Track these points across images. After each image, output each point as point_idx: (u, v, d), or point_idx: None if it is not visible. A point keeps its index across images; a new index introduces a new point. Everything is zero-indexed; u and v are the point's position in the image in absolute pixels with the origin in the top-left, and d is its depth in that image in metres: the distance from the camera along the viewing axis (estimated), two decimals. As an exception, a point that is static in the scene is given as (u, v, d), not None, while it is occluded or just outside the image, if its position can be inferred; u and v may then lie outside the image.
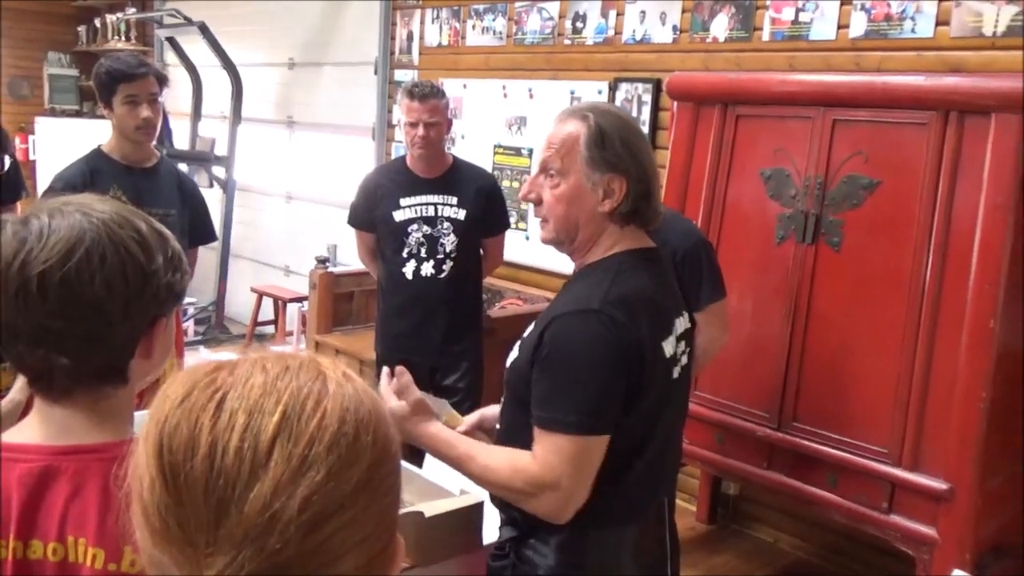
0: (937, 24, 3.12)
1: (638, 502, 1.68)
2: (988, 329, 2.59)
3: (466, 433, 1.82)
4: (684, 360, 1.73)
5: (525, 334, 1.68)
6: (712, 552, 3.76)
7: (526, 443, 1.56)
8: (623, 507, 1.63)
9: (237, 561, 0.53)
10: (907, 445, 2.77)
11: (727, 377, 3.20)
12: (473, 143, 4.88)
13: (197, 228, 3.07)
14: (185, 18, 6.20)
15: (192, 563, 0.54)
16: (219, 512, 0.54)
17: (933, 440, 2.73)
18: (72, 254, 0.91)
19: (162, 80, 2.84)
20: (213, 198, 6.71)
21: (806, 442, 3.00)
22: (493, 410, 1.90)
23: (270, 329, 6.15)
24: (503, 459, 1.57)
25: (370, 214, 3.33)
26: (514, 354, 1.68)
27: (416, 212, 3.26)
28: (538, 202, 1.65)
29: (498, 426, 1.79)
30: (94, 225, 0.94)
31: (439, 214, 3.26)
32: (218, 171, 6.44)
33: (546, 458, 1.51)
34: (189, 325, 6.53)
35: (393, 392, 1.71)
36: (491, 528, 1.85)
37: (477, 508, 1.86)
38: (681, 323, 1.72)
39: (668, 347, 1.63)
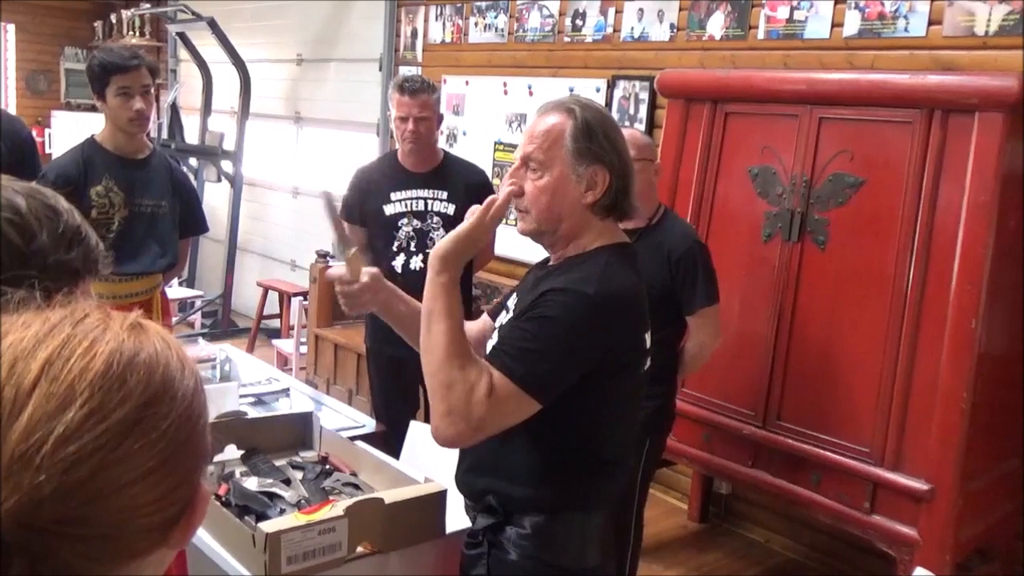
0: (930, 23, 3.10)
1: (604, 488, 1.71)
2: (970, 329, 2.57)
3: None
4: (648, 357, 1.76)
5: (510, 303, 1.74)
6: (702, 551, 3.75)
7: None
8: (592, 492, 1.67)
9: None
10: (889, 445, 2.76)
11: (714, 375, 3.20)
12: (474, 140, 4.90)
13: (188, 219, 3.11)
14: (195, 14, 6.27)
15: None
16: None
17: (915, 440, 2.72)
18: None
19: (154, 72, 2.87)
20: (221, 192, 6.81)
21: (790, 441, 2.99)
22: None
23: (276, 323, 6.20)
24: (474, 370, 1.52)
25: (360, 208, 3.35)
26: (503, 319, 1.72)
27: (406, 206, 3.28)
28: (519, 194, 1.67)
29: None
30: None
31: (429, 208, 3.28)
32: (226, 165, 6.50)
33: (498, 398, 1.50)
34: (196, 318, 6.60)
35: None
36: (455, 516, 1.87)
37: (440, 496, 1.88)
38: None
39: (648, 338, 1.69)
